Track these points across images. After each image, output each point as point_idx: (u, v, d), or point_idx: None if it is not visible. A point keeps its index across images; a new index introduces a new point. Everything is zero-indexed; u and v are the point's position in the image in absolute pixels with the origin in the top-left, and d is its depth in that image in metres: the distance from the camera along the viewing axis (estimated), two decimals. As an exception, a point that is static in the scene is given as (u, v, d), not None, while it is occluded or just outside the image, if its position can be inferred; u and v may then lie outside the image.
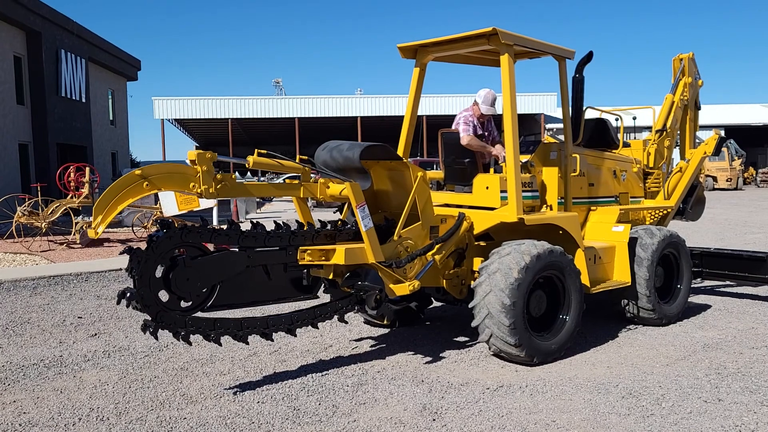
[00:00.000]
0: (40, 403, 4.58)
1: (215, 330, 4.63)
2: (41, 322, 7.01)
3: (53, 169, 19.28)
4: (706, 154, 8.07)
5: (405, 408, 4.41)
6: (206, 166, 4.38)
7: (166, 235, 4.30)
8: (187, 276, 4.39)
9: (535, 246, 5.29)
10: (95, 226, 4.11)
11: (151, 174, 4.26)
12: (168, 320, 4.38)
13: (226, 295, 4.67)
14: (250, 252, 4.74)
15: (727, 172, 36.49)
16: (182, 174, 4.38)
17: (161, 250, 4.29)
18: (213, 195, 4.46)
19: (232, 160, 4.80)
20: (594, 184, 6.66)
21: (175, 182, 4.39)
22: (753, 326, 6.48)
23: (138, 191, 4.23)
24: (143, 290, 4.21)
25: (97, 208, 4.09)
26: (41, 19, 22.39)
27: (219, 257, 4.67)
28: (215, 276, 4.58)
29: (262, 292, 4.92)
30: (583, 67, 6.53)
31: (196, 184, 4.37)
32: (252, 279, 4.81)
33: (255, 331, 4.85)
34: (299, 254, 4.89)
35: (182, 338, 4.49)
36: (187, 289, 4.42)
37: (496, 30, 5.38)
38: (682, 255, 6.80)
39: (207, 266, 4.52)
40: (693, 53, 8.13)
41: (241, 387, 4.84)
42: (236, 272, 4.69)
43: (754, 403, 4.44)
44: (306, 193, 5.07)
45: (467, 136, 6.15)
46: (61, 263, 10.72)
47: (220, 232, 4.61)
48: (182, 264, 4.37)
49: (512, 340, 5.08)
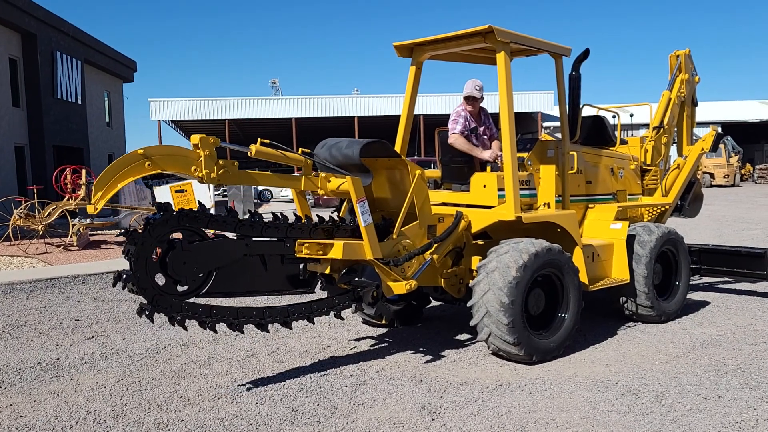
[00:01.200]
0: (36, 407, 4.55)
1: (211, 316, 4.60)
2: (38, 325, 6.98)
3: (49, 172, 19.23)
4: (703, 150, 8.07)
5: (404, 408, 4.39)
6: (209, 150, 4.37)
7: (162, 218, 4.30)
8: (183, 259, 4.37)
9: (533, 244, 5.27)
10: (95, 201, 4.07)
11: (153, 154, 4.23)
12: (164, 304, 4.35)
13: (222, 282, 4.66)
14: (248, 240, 4.74)
15: (725, 169, 36.53)
16: (185, 157, 4.36)
17: (158, 233, 4.28)
18: (214, 180, 4.44)
19: (234, 147, 4.78)
20: (591, 182, 6.64)
21: (177, 164, 4.36)
22: (752, 322, 6.47)
23: (139, 170, 4.18)
24: (139, 273, 4.20)
25: (97, 184, 4.04)
26: (36, 21, 22.32)
27: (217, 243, 4.68)
28: (212, 262, 4.57)
29: (258, 282, 4.91)
30: (580, 65, 6.51)
31: (198, 168, 4.35)
32: (249, 268, 4.80)
33: (251, 321, 4.82)
34: (297, 246, 4.88)
35: (178, 323, 4.47)
36: (183, 273, 4.40)
37: (492, 28, 5.36)
38: (681, 252, 6.79)
39: (204, 251, 4.52)
40: (689, 50, 8.12)
41: (239, 388, 4.82)
42: (233, 260, 4.68)
43: (754, 399, 4.43)
44: (307, 185, 5.04)
45: (453, 135, 6.12)
46: (58, 266, 10.68)
47: (217, 218, 4.60)
48: (179, 247, 4.36)
49: (511, 338, 5.06)
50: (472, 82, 6.17)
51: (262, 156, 4.73)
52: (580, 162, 6.37)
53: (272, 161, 4.88)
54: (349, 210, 5.61)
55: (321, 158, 5.24)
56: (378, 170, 5.47)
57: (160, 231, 4.29)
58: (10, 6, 20.53)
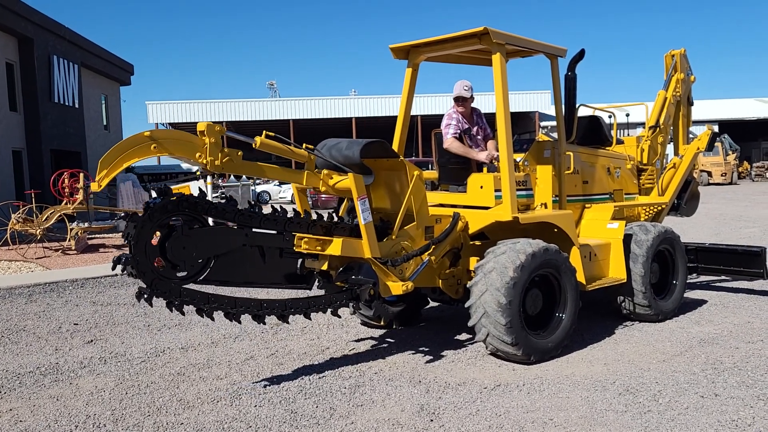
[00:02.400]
0: (36, 411, 4.56)
1: (209, 304, 4.61)
2: (37, 329, 6.99)
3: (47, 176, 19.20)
4: (699, 149, 8.09)
5: (402, 409, 4.41)
6: (214, 138, 4.40)
7: (162, 201, 4.33)
8: (183, 244, 4.40)
9: (530, 244, 5.29)
10: (99, 179, 4.08)
11: (160, 137, 4.26)
12: (163, 288, 4.37)
13: (220, 270, 4.68)
14: (247, 231, 4.77)
15: (722, 167, 36.60)
16: (190, 143, 4.39)
17: (157, 217, 4.30)
18: (218, 168, 4.46)
19: (239, 137, 4.79)
20: (588, 182, 6.67)
21: (182, 148, 4.38)
22: (749, 321, 6.50)
23: (145, 152, 4.19)
24: (139, 256, 4.22)
25: (102, 163, 4.05)
26: (33, 25, 22.30)
27: (217, 230, 4.72)
28: (211, 248, 4.59)
29: (256, 274, 4.92)
30: (575, 65, 6.53)
31: (203, 155, 4.38)
32: (247, 259, 4.82)
33: (248, 311, 4.82)
34: (296, 241, 4.89)
35: (176, 308, 4.49)
36: (182, 258, 4.42)
37: (487, 29, 5.38)
38: (677, 251, 6.81)
39: (204, 237, 4.54)
40: (684, 49, 8.16)
41: (238, 391, 4.83)
42: (232, 249, 4.70)
43: (751, 397, 4.45)
44: (309, 181, 5.06)
45: (448, 139, 6.14)
46: (57, 270, 10.68)
47: (216, 206, 4.62)
48: (179, 231, 4.38)
49: (509, 338, 5.08)
50: (461, 83, 6.20)
51: (267, 149, 4.75)
52: (577, 162, 6.39)
53: (276, 154, 4.89)
54: (348, 210, 5.63)
55: (320, 163, 5.25)
56: (377, 171, 5.49)
57: (159, 215, 4.32)
58: (7, 11, 20.51)
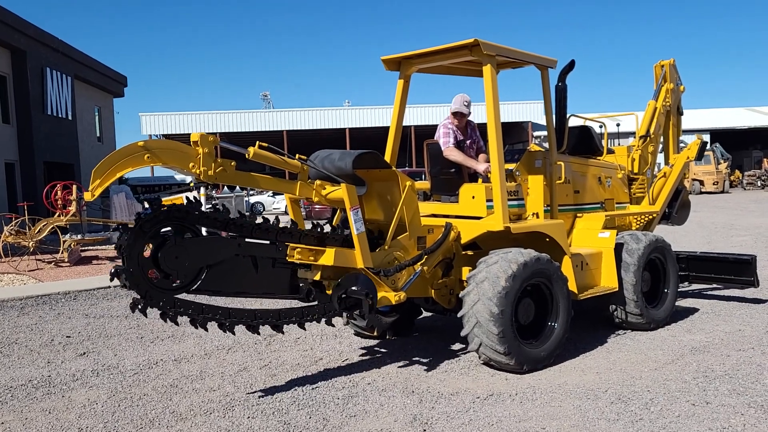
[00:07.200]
0: (28, 424, 4.54)
1: (203, 314, 4.62)
2: (29, 342, 6.96)
3: (40, 188, 19.15)
4: (689, 158, 8.17)
5: (395, 419, 4.41)
6: (208, 148, 4.41)
7: (153, 212, 4.34)
8: (175, 254, 4.41)
9: (521, 254, 5.32)
10: (92, 189, 4.09)
11: (153, 147, 4.28)
12: (157, 298, 4.39)
13: (213, 280, 4.68)
14: (240, 241, 4.78)
15: (714, 176, 36.85)
16: (184, 153, 4.40)
17: (149, 227, 4.32)
18: (211, 178, 4.47)
19: (233, 148, 4.81)
20: (579, 191, 6.71)
21: (175, 158, 4.39)
22: (740, 328, 6.54)
23: (138, 161, 4.21)
24: (132, 267, 4.24)
25: (96, 172, 4.06)
26: (26, 38, 22.30)
27: (209, 240, 4.74)
28: (204, 258, 4.60)
29: (248, 284, 4.93)
30: (566, 76, 6.58)
31: (196, 165, 4.39)
32: (240, 269, 4.83)
33: (242, 322, 4.84)
34: (289, 251, 4.90)
35: (170, 319, 4.49)
36: (174, 267, 4.43)
37: (477, 41, 5.44)
38: (669, 259, 6.86)
39: (196, 247, 4.56)
40: (674, 60, 8.25)
41: (231, 402, 4.82)
42: (225, 258, 4.71)
43: (742, 405, 4.48)
44: (302, 191, 5.07)
45: (447, 148, 6.19)
46: (49, 282, 10.65)
47: (207, 215, 4.63)
48: (172, 241, 4.40)
49: (501, 348, 5.09)
50: (461, 98, 6.25)
51: (260, 159, 4.77)
52: (568, 172, 6.43)
53: (270, 165, 4.91)
54: (342, 221, 5.65)
55: (313, 174, 5.27)
56: (369, 182, 5.52)
57: (151, 225, 4.33)
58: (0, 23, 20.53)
